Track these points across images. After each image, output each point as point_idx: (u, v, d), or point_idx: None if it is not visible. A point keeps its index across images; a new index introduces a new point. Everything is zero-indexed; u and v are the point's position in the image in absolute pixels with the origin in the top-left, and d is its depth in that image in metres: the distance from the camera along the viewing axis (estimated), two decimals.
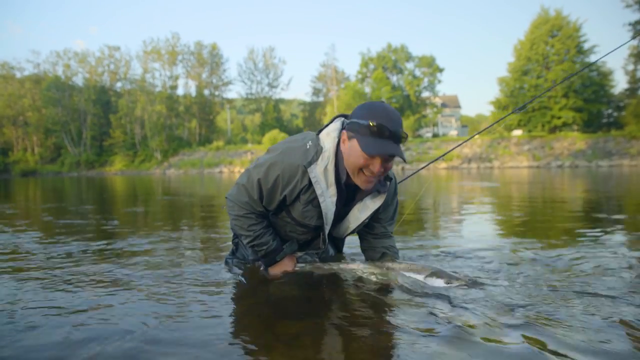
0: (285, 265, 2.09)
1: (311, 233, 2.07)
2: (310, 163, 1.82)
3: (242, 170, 3.17)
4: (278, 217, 2.03)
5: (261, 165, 1.88)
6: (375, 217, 2.08)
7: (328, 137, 1.88)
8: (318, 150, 1.84)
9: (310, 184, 1.86)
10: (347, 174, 1.86)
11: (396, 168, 37.02)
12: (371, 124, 1.71)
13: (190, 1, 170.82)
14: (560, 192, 8.20)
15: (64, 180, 27.24)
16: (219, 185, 14.81)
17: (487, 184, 8.92)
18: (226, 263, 2.37)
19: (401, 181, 2.59)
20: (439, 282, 1.91)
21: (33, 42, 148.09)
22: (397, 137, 1.74)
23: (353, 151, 1.78)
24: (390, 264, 2.03)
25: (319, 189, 1.84)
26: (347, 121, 1.84)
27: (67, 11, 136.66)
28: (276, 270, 2.09)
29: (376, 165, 1.76)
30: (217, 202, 7.32)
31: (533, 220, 4.28)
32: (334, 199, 1.89)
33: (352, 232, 2.11)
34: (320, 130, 1.94)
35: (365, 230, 2.14)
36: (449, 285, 1.88)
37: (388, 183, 1.99)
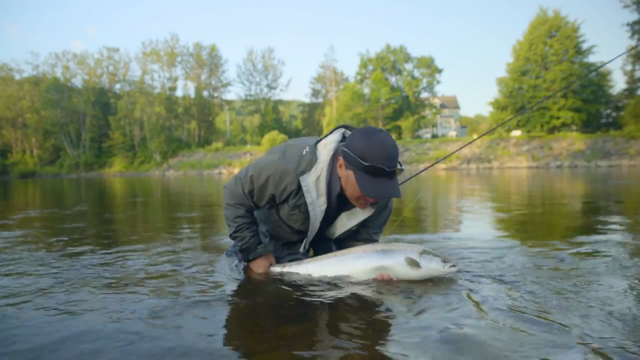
0: (258, 266, 2.16)
1: (297, 235, 2.16)
2: (302, 172, 1.91)
3: None
4: (270, 212, 2.15)
5: (258, 164, 2.01)
6: (362, 223, 2.13)
7: (325, 149, 1.95)
8: (312, 160, 1.92)
9: (299, 189, 1.95)
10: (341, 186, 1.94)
11: None
12: (368, 166, 1.77)
13: (189, 3, 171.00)
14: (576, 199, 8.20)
15: (63, 182, 27.21)
16: (218, 187, 14.81)
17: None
18: (228, 255, 2.40)
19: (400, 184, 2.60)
20: (436, 262, 1.94)
21: (31, 43, 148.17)
22: (393, 174, 1.81)
23: (350, 182, 1.87)
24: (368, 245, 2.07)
25: (309, 197, 1.94)
26: (344, 147, 1.88)
27: (65, 12, 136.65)
28: (252, 268, 2.17)
29: (371, 198, 1.86)
30: (217, 201, 7.31)
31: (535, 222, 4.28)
32: (323, 208, 1.97)
33: (340, 237, 2.15)
34: (320, 140, 2.00)
35: (350, 235, 2.20)
36: (445, 264, 1.93)
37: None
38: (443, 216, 4.98)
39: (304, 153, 1.93)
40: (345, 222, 2.07)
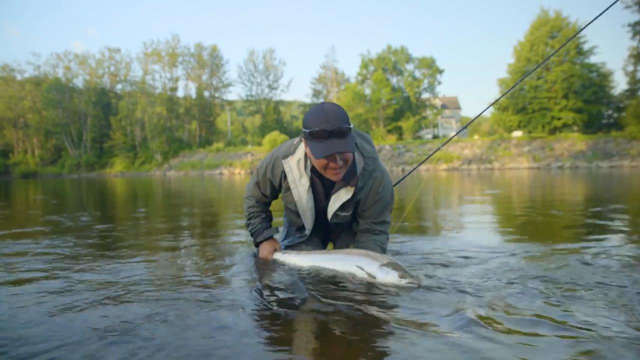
0: (263, 249, 2.40)
1: (300, 219, 2.33)
2: (286, 156, 2.18)
3: (242, 172, 3.40)
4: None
5: (262, 159, 2.34)
6: (360, 213, 2.24)
7: None
8: (297, 145, 2.17)
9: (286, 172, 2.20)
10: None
11: (396, 169, 36.98)
12: (311, 131, 1.92)
13: (190, 3, 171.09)
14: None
15: (64, 182, 27.24)
16: (219, 187, 14.81)
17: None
18: (254, 256, 2.56)
19: (396, 183, 2.65)
20: (392, 276, 1.94)
21: (31, 43, 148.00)
22: (339, 134, 1.89)
23: (310, 155, 2.01)
24: (348, 251, 2.17)
25: (291, 177, 2.17)
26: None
27: (65, 12, 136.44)
28: (260, 253, 2.41)
29: (332, 162, 1.96)
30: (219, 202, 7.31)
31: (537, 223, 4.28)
32: (307, 187, 2.16)
33: (336, 222, 2.26)
34: None
35: (356, 227, 2.36)
36: (401, 279, 1.92)
37: (356, 176, 2.11)
38: (444, 219, 4.98)
39: (294, 142, 2.20)
40: (332, 206, 2.19)
